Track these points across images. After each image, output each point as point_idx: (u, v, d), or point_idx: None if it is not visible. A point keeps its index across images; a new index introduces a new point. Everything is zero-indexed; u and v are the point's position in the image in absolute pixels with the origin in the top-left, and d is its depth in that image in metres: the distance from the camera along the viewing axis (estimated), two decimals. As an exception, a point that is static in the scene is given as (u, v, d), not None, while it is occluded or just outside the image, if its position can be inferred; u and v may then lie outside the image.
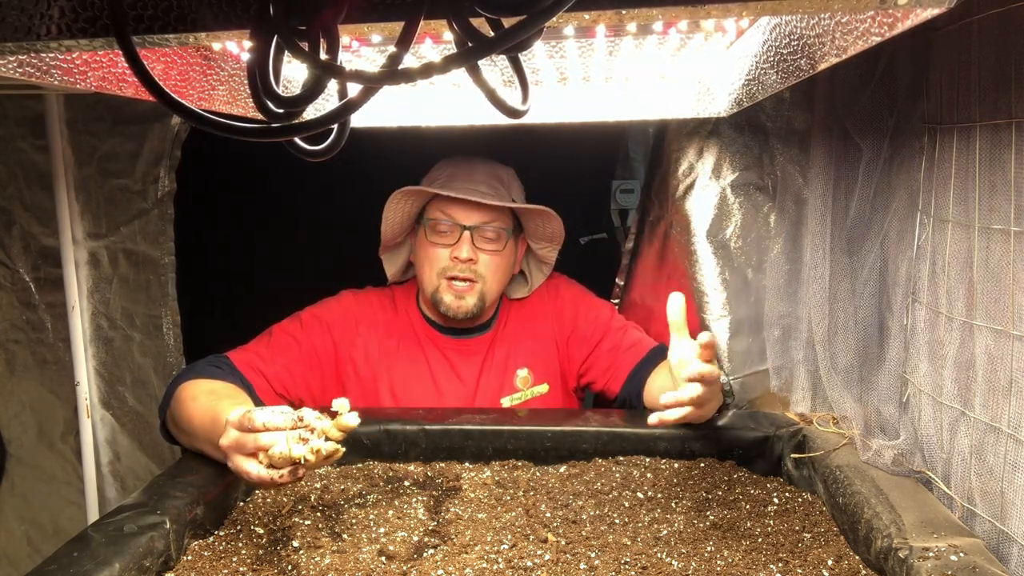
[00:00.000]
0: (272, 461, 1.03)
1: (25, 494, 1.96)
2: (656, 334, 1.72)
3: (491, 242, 1.64)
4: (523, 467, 1.41)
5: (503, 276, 1.69)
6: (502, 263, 1.67)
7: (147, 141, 1.72)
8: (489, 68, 1.33)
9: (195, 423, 1.26)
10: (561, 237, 1.74)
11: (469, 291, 1.62)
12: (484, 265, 1.63)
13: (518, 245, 1.75)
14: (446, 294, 1.62)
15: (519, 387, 1.71)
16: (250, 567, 1.06)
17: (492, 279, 1.65)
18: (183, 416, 1.30)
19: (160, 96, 0.71)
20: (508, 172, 1.75)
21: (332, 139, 0.82)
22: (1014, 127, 0.95)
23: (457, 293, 1.62)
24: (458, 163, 1.72)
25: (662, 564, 1.06)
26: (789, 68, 1.01)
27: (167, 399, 1.40)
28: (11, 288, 1.85)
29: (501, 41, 0.63)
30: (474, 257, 1.62)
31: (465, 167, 1.70)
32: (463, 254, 1.60)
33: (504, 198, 1.66)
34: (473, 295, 1.63)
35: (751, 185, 1.56)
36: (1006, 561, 0.98)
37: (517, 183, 1.76)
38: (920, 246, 1.24)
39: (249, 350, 1.56)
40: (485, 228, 1.63)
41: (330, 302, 1.72)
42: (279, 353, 1.56)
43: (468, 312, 1.63)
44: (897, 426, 1.26)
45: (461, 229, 1.62)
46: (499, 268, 1.66)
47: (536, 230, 1.74)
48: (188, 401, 1.32)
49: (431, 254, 1.64)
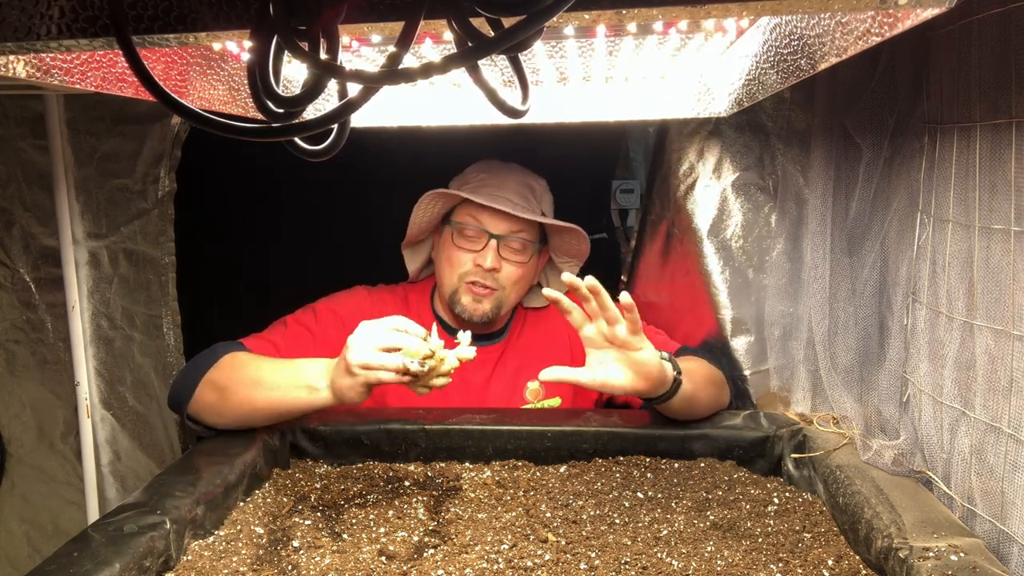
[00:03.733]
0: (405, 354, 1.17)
1: (25, 494, 1.96)
2: (658, 332, 1.71)
3: (517, 253, 1.63)
4: (523, 467, 1.41)
5: (523, 287, 1.68)
6: (524, 274, 1.66)
7: (147, 141, 1.72)
8: (489, 68, 1.33)
9: (264, 373, 1.31)
10: (586, 255, 1.72)
11: (488, 296, 1.61)
12: (506, 275, 1.62)
13: (541, 257, 1.74)
14: (464, 295, 1.62)
15: (529, 399, 1.70)
16: (250, 567, 1.06)
17: (511, 289, 1.64)
18: (243, 376, 1.33)
19: (160, 96, 0.71)
20: (540, 183, 1.73)
21: (332, 139, 0.82)
22: (1014, 127, 0.95)
23: (476, 296, 1.61)
24: (492, 168, 1.70)
25: (662, 564, 1.06)
26: (789, 68, 1.01)
27: (195, 378, 1.37)
28: (11, 288, 1.85)
29: (501, 41, 0.63)
30: (498, 267, 1.60)
31: (498, 174, 1.68)
32: (487, 263, 1.59)
33: (535, 210, 1.65)
34: (491, 301, 1.62)
35: (752, 185, 1.56)
36: (1006, 561, 0.98)
37: (548, 195, 1.74)
38: (920, 246, 1.24)
39: (264, 339, 1.55)
40: (512, 239, 1.62)
41: (344, 296, 1.71)
42: (294, 344, 1.56)
43: (484, 316, 1.62)
44: (897, 426, 1.26)
45: (488, 237, 1.60)
46: (520, 279, 1.65)
47: (561, 246, 1.72)
48: (248, 363, 1.36)
49: (454, 257, 1.63)
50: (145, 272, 1.79)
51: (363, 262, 1.86)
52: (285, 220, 3.07)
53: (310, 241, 3.05)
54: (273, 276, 2.99)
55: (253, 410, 1.32)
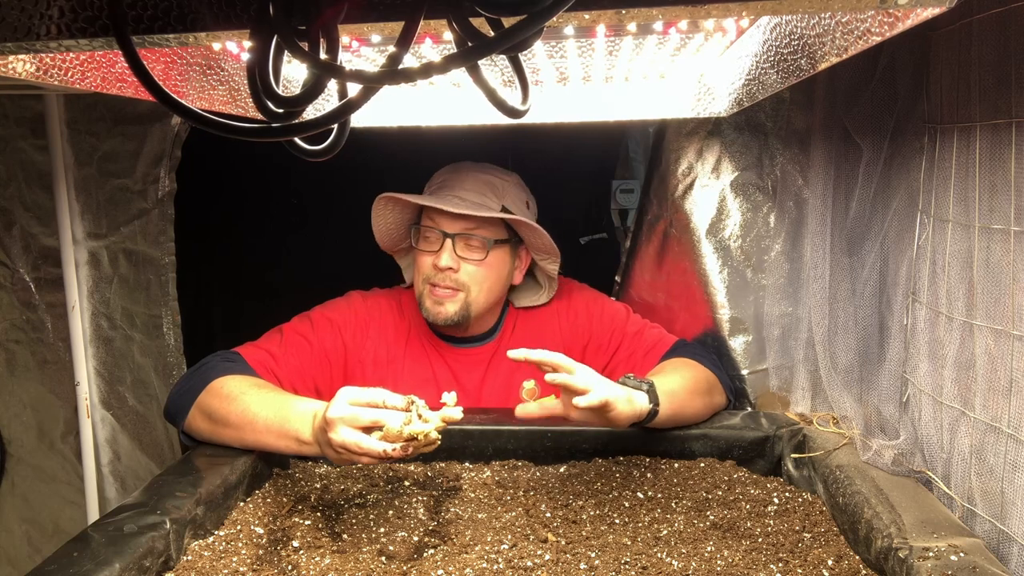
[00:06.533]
0: (385, 436, 1.10)
1: (25, 494, 1.96)
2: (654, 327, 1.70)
3: (474, 250, 1.60)
4: (523, 467, 1.41)
5: (492, 286, 1.64)
6: (489, 273, 1.62)
7: (147, 141, 1.72)
8: (489, 68, 1.33)
9: (252, 414, 1.28)
10: (553, 250, 1.67)
11: (450, 298, 1.58)
12: (467, 274, 1.59)
13: (517, 254, 1.72)
14: (427, 299, 1.60)
15: (525, 399, 1.69)
16: (250, 567, 1.06)
17: (477, 288, 1.60)
18: (232, 411, 1.31)
19: (160, 96, 0.71)
20: (506, 180, 1.68)
21: (332, 139, 0.82)
22: (1014, 127, 0.95)
23: (436, 299, 1.59)
24: (455, 169, 1.68)
25: (662, 564, 1.06)
26: (789, 68, 1.01)
27: (188, 399, 1.38)
28: (11, 288, 1.85)
29: (501, 41, 0.63)
30: (454, 266, 1.58)
31: (456, 175, 1.66)
32: (442, 262, 1.57)
33: (490, 207, 1.60)
34: (454, 303, 1.59)
35: (751, 185, 1.56)
36: (1006, 561, 0.98)
37: (516, 191, 1.68)
38: (920, 246, 1.24)
39: (261, 348, 1.54)
40: (468, 236, 1.59)
41: (340, 303, 1.70)
42: (291, 353, 1.55)
43: (448, 319, 1.59)
44: (897, 426, 1.26)
45: (443, 237, 1.59)
46: (486, 278, 1.61)
47: (533, 242, 1.70)
48: (237, 396, 1.33)
49: (418, 261, 1.62)
50: (145, 272, 1.79)
51: (364, 262, 1.86)
52: (285, 220, 3.08)
53: (310, 240, 3.05)
54: (273, 276, 3.00)
55: (244, 447, 1.32)
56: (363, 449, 1.11)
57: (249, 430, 1.29)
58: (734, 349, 1.58)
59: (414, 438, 1.09)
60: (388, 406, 1.12)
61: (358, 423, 1.12)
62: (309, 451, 1.24)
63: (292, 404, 1.28)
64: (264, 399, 1.31)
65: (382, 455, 1.10)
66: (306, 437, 1.23)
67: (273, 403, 1.30)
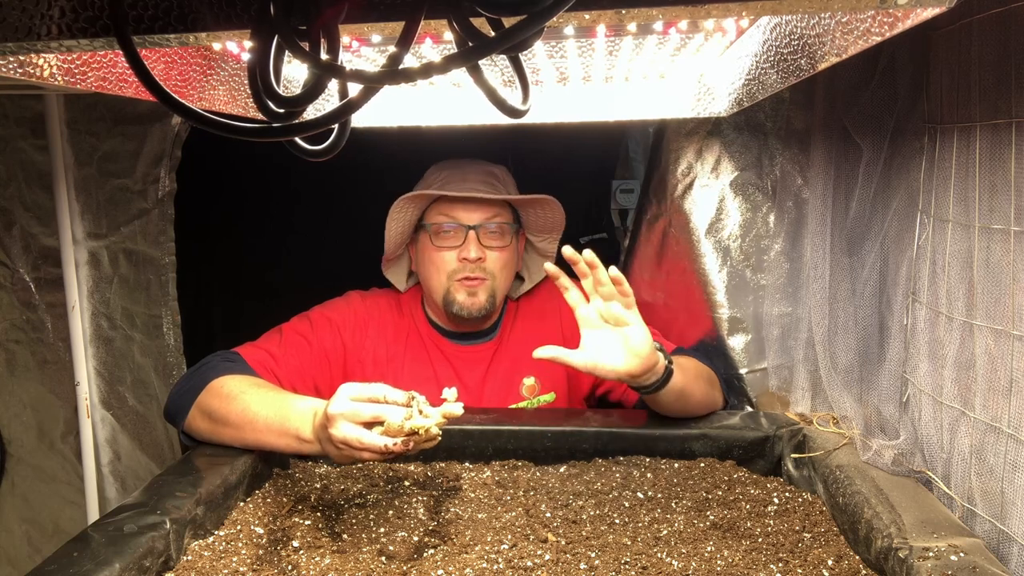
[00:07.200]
0: (386, 431, 1.10)
1: (25, 494, 1.96)
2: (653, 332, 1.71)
3: (497, 238, 1.64)
4: (523, 467, 1.41)
5: (510, 273, 1.69)
6: (509, 259, 1.67)
7: (147, 141, 1.72)
8: (489, 68, 1.33)
9: (253, 413, 1.28)
10: (562, 226, 1.72)
11: (480, 285, 1.62)
12: (492, 262, 1.63)
13: (519, 241, 1.75)
14: (459, 293, 1.61)
15: (525, 395, 1.70)
16: (250, 567, 1.06)
17: (500, 276, 1.65)
18: (232, 410, 1.31)
19: (160, 96, 0.71)
20: (501, 169, 1.74)
21: (332, 139, 0.82)
22: (1014, 127, 0.95)
23: (471, 289, 1.61)
24: (451, 166, 1.71)
25: (662, 564, 1.06)
26: (789, 68, 1.01)
27: (188, 399, 1.38)
28: (11, 288, 1.85)
29: (501, 41, 0.63)
30: (483, 255, 1.61)
31: (458, 169, 1.69)
32: (471, 254, 1.59)
33: (502, 193, 1.66)
34: (484, 291, 1.62)
35: (750, 185, 1.56)
36: (1006, 561, 0.98)
37: (511, 179, 1.75)
38: (920, 246, 1.24)
39: (260, 348, 1.55)
40: (489, 225, 1.63)
41: (339, 303, 1.71)
42: (291, 353, 1.56)
43: (481, 309, 1.62)
44: (897, 426, 1.26)
45: (466, 229, 1.61)
46: (507, 264, 1.66)
47: (536, 222, 1.73)
48: (237, 395, 1.33)
49: (437, 259, 1.63)
50: (145, 272, 1.79)
51: (363, 262, 1.86)
52: (285, 219, 3.07)
53: (311, 240, 3.05)
54: (273, 276, 2.99)
55: (245, 447, 1.32)
56: (364, 444, 1.11)
57: (249, 429, 1.29)
58: (733, 348, 1.58)
59: (415, 433, 1.09)
60: (389, 401, 1.13)
61: (359, 418, 1.13)
62: (309, 449, 1.24)
63: (292, 403, 1.28)
64: (264, 398, 1.31)
65: (383, 450, 1.10)
66: (307, 435, 1.23)
67: (273, 402, 1.30)
